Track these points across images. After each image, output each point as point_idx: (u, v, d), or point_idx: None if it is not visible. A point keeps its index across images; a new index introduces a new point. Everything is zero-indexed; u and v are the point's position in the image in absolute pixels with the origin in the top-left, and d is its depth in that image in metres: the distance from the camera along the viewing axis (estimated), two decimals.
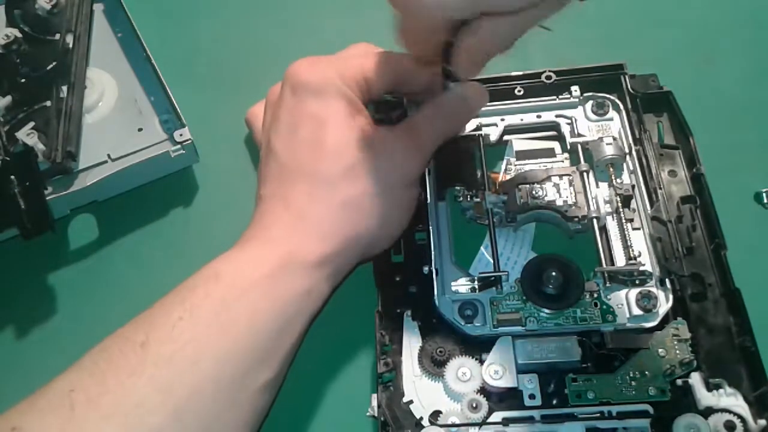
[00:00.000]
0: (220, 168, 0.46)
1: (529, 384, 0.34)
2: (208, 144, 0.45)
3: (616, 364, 0.35)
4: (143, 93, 0.46)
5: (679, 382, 0.34)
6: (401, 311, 0.37)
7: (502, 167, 0.42)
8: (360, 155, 0.35)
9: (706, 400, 0.33)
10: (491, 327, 0.36)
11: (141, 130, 0.44)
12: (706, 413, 0.32)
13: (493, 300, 0.37)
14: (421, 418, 0.34)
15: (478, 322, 0.36)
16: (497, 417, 0.34)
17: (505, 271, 0.37)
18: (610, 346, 0.35)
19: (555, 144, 0.43)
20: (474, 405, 0.34)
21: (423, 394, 0.35)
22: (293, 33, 0.52)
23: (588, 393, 0.34)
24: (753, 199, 0.42)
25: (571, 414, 0.33)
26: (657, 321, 0.35)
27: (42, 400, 0.29)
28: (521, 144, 0.43)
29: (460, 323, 0.36)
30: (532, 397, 0.34)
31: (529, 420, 0.34)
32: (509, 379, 0.34)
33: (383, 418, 0.34)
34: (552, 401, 0.34)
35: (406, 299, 0.37)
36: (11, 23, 0.47)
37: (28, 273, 0.44)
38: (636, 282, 0.37)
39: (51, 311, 0.42)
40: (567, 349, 0.35)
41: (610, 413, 0.33)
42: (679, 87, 0.42)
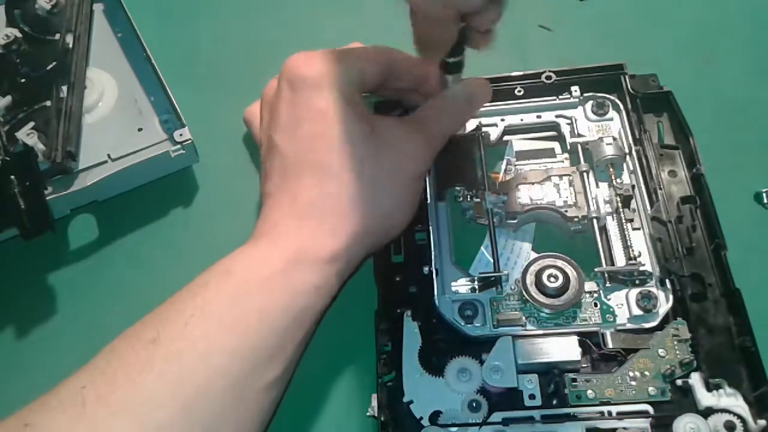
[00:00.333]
0: (220, 168, 0.46)
1: (529, 384, 0.34)
2: (208, 144, 0.45)
3: (616, 364, 0.35)
4: (143, 93, 0.46)
5: (679, 382, 0.34)
6: (401, 311, 0.37)
7: (502, 167, 0.42)
8: (369, 147, 0.35)
9: (706, 400, 0.33)
10: (491, 327, 0.36)
11: (141, 130, 0.44)
12: (706, 413, 0.32)
13: (493, 300, 0.37)
14: (421, 418, 0.34)
15: (478, 322, 0.36)
16: (497, 417, 0.34)
17: (505, 271, 0.37)
18: (610, 346, 0.35)
19: (555, 144, 0.43)
20: (474, 405, 0.34)
21: (423, 394, 0.35)
22: (293, 33, 0.52)
23: (588, 393, 0.34)
24: (753, 199, 0.42)
25: (571, 414, 0.33)
26: (657, 321, 0.35)
27: (54, 398, 0.29)
28: (521, 144, 0.43)
29: (460, 323, 0.36)
30: (532, 397, 0.34)
31: (529, 420, 0.34)
32: (509, 379, 0.34)
33: (383, 418, 0.34)
34: (552, 401, 0.34)
35: (406, 299, 0.37)
36: (11, 23, 0.47)
37: (28, 273, 0.43)
38: (636, 282, 0.37)
39: (51, 311, 0.42)
40: (567, 349, 0.35)
41: (610, 413, 0.33)
42: (679, 87, 0.42)
